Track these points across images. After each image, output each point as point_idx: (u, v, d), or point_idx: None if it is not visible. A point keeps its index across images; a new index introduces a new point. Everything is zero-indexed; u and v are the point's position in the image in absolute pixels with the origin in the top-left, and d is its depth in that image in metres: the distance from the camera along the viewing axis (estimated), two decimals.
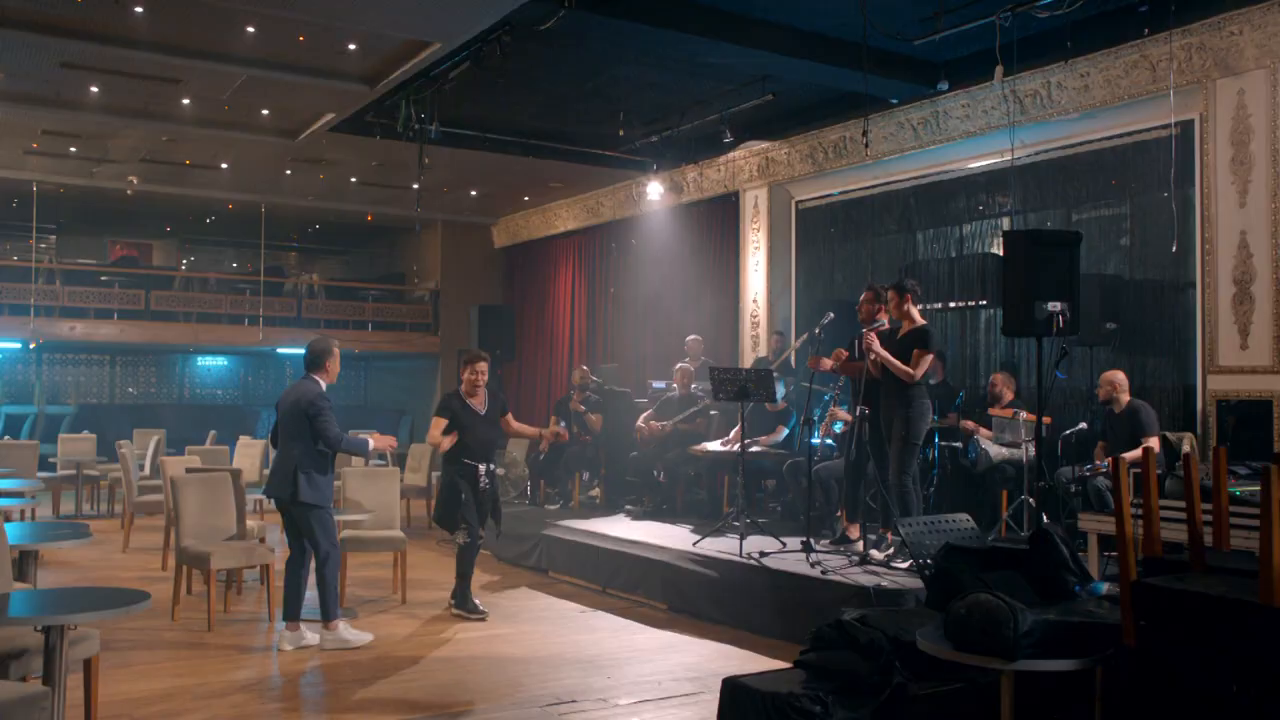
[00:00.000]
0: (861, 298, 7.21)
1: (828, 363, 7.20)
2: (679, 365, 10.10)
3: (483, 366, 6.98)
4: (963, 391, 8.95)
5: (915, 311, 6.93)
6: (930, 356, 6.71)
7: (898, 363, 6.64)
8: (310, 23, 8.77)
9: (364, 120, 11.50)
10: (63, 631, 3.79)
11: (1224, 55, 7.65)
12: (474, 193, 15.76)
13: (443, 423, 6.83)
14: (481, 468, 6.92)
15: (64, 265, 17.21)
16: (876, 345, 6.70)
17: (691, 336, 10.99)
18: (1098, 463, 7.38)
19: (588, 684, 5.42)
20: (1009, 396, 8.28)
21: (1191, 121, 7.98)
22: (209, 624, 6.45)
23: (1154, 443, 7.15)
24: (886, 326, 6.99)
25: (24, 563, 5.36)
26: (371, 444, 6.43)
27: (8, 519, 6.44)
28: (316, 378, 6.21)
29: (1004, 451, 8.02)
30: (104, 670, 4.74)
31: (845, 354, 7.11)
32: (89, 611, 3.79)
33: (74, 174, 14.91)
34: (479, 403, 6.95)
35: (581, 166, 13.30)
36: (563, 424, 7.54)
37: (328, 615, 6.12)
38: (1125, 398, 7.41)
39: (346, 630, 6.19)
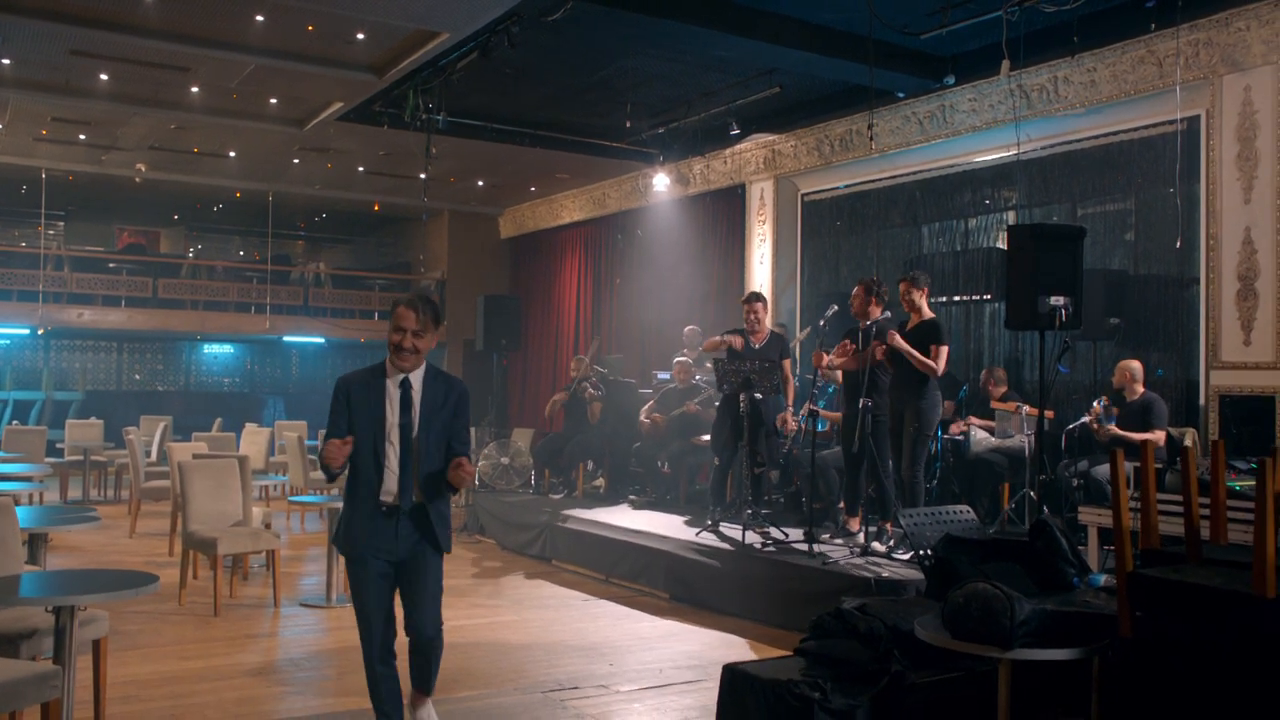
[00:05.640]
0: (854, 292, 7.21)
1: (838, 359, 7.19)
2: (677, 359, 10.13)
3: (757, 306, 7.87)
4: (965, 385, 8.97)
5: (925, 304, 6.95)
6: (946, 349, 6.74)
7: (922, 357, 6.67)
8: (319, 12, 8.80)
9: (372, 110, 11.53)
10: (73, 612, 3.85)
11: (1231, 51, 7.65)
12: (481, 183, 15.79)
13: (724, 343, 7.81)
14: (741, 395, 7.52)
15: (72, 252, 17.28)
16: (900, 340, 6.71)
17: (689, 327, 10.98)
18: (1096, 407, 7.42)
19: (590, 671, 5.47)
20: (1001, 390, 8.34)
21: (1198, 117, 7.99)
22: (215, 608, 6.51)
23: (1160, 436, 7.18)
24: (877, 317, 6.99)
25: (34, 546, 5.42)
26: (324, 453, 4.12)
27: (17, 503, 6.49)
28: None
29: (991, 440, 8.05)
30: (112, 652, 4.80)
31: (852, 346, 7.12)
32: (98, 593, 3.84)
33: (83, 161, 14.97)
34: (759, 338, 7.83)
35: (588, 158, 13.31)
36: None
37: None
38: (1139, 388, 7.42)
39: None
